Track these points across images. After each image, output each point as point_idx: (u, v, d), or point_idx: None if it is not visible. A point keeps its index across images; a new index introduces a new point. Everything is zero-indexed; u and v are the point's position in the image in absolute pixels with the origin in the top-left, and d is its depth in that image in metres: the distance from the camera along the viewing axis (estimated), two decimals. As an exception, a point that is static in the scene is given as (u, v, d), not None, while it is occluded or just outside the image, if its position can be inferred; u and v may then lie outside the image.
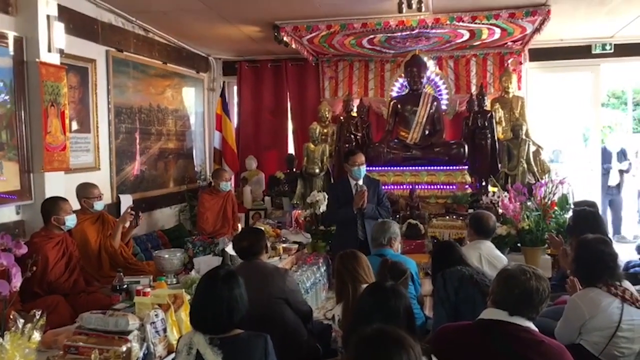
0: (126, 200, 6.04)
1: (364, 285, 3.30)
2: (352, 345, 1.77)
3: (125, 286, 3.71)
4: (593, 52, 7.79)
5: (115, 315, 2.76)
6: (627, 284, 3.14)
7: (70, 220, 4.28)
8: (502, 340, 2.22)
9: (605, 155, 8.37)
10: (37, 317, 2.21)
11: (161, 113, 7.20)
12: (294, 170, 7.97)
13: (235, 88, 8.86)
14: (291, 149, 8.66)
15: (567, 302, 3.19)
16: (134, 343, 2.67)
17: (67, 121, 4.89)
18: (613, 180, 8.31)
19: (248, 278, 3.33)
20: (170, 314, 2.98)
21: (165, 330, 2.87)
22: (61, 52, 4.81)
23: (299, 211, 6.95)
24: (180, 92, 7.77)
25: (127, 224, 4.96)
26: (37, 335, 2.16)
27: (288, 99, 8.65)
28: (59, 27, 4.72)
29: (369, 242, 4.86)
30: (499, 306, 2.32)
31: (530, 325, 2.29)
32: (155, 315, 2.83)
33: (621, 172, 8.34)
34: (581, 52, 7.82)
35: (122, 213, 5.17)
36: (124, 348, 2.64)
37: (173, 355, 2.76)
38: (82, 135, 5.63)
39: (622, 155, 8.45)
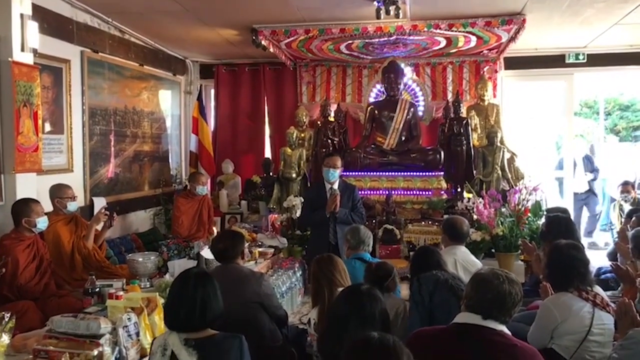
0: (99, 203, 5.95)
1: (340, 289, 3.30)
2: (346, 352, 1.78)
3: (97, 289, 3.65)
4: (567, 61, 7.95)
5: (86, 319, 2.71)
6: (598, 289, 3.20)
7: (42, 222, 4.21)
8: (476, 344, 2.23)
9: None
10: (6, 319, 2.15)
11: (137, 115, 7.12)
12: (271, 174, 7.95)
13: (213, 91, 8.82)
14: (268, 153, 8.64)
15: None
16: (106, 347, 2.63)
17: (39, 122, 4.79)
18: (580, 187, 8.43)
19: (223, 281, 3.30)
20: (144, 317, 2.94)
21: (138, 334, 2.83)
22: (35, 51, 4.73)
23: (276, 215, 6.93)
24: (156, 94, 7.70)
25: (101, 225, 4.88)
26: (5, 339, 2.12)
27: (265, 103, 8.63)
28: (32, 26, 4.64)
29: (339, 247, 4.89)
30: (472, 310, 2.33)
31: (504, 328, 2.30)
32: (128, 318, 2.78)
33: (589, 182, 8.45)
34: (555, 61, 7.97)
35: (95, 214, 5.09)
36: (95, 352, 2.60)
37: (146, 359, 2.73)
38: (55, 137, 5.54)
39: (588, 162, 8.50)
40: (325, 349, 2.29)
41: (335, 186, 5.24)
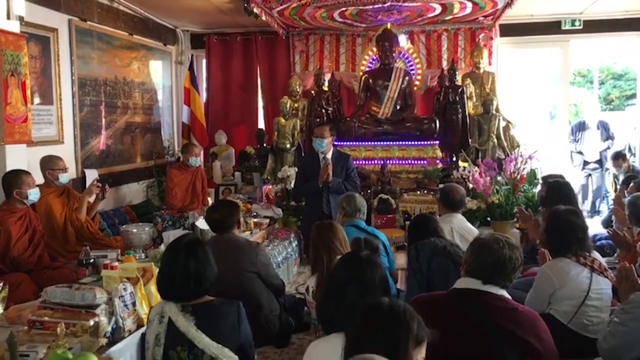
0: (92, 175, 5.89)
1: (339, 257, 3.27)
2: (356, 319, 1.76)
3: (92, 260, 3.61)
4: (563, 28, 7.86)
5: (81, 289, 2.67)
6: (596, 254, 3.18)
7: (33, 194, 4.14)
8: (477, 309, 2.22)
9: (581, 128, 8.00)
10: (-1, 289, 2.10)
11: (127, 86, 7.00)
12: (265, 145, 7.88)
13: (204, 62, 8.67)
14: (261, 124, 8.54)
15: (536, 273, 3.22)
16: (102, 317, 2.59)
17: (28, 92, 4.67)
18: (591, 155, 7.95)
19: (219, 251, 3.28)
20: (139, 287, 2.90)
21: (134, 304, 2.79)
22: (21, 19, 4.59)
23: (270, 186, 6.89)
24: (147, 64, 7.57)
25: (93, 197, 4.82)
26: (-1, 308, 2.06)
27: (258, 73, 8.51)
28: (18, -7, 4.51)
29: (333, 216, 4.85)
30: (472, 275, 2.32)
31: (504, 293, 2.29)
32: (124, 288, 2.74)
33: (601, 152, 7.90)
34: (551, 28, 7.88)
35: (87, 187, 5.03)
36: (91, 322, 2.56)
37: (143, 329, 2.70)
38: (45, 107, 5.44)
39: (603, 128, 7.94)
40: (324, 316, 2.26)
41: (329, 156, 5.19)
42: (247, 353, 2.62)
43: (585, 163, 8.04)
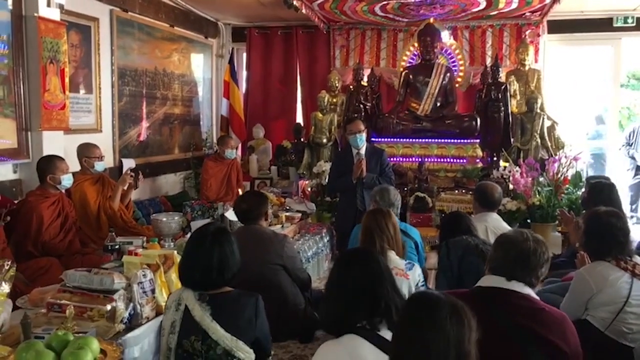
0: (128, 164, 5.92)
1: (391, 253, 3.14)
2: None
3: (117, 246, 3.61)
4: (614, 25, 7.50)
5: (100, 274, 2.65)
6: (638, 259, 3.00)
7: (67, 180, 4.19)
8: (501, 308, 2.10)
9: (637, 132, 7.60)
10: (7, 267, 2.09)
11: (167, 77, 7.05)
12: (302, 140, 7.82)
13: (245, 55, 8.67)
14: (300, 119, 8.49)
15: (574, 277, 3.06)
16: (119, 303, 2.57)
17: (66, 80, 4.75)
18: None
19: (245, 242, 3.24)
20: (160, 274, 2.87)
21: (153, 291, 2.76)
22: (61, 7, 4.67)
23: (306, 181, 6.82)
24: (187, 57, 7.61)
25: (127, 186, 4.85)
26: (5, 287, 2.05)
27: (298, 67, 8.45)
28: (59, -19, 4.58)
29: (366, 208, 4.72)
30: (496, 272, 2.21)
31: (530, 292, 2.17)
32: (143, 275, 2.71)
33: None
34: (602, 24, 7.54)
35: (122, 176, 5.07)
36: (108, 307, 2.54)
37: (161, 317, 2.67)
38: (84, 96, 5.50)
39: None
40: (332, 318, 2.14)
41: (362, 151, 5.08)
42: (263, 347, 2.56)
43: (638, 168, 7.64)
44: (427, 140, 6.94)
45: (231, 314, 2.45)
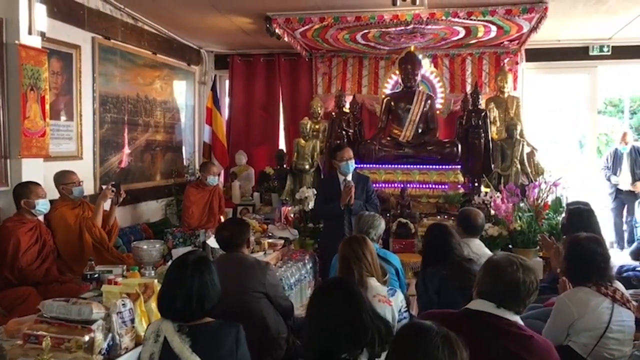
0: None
1: (371, 280, 3.11)
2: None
3: (96, 275, 3.55)
4: (590, 53, 7.71)
5: (78, 304, 2.60)
6: (618, 284, 3.03)
7: (42, 205, 4.15)
8: (491, 333, 2.10)
9: (616, 158, 7.52)
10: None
11: (149, 104, 7.05)
12: (284, 166, 7.83)
13: (227, 82, 8.72)
14: (282, 145, 8.52)
15: (556, 302, 3.07)
16: (98, 333, 2.51)
17: (47, 107, 4.71)
18: (624, 183, 7.43)
19: (226, 270, 3.21)
20: (140, 304, 2.82)
21: (133, 320, 2.71)
22: (42, 35, 4.66)
23: (288, 208, 6.80)
24: (170, 84, 7.62)
25: (108, 202, 4.79)
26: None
27: (280, 94, 8.51)
28: (40, 9, 4.57)
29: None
30: (485, 297, 2.21)
31: (518, 319, 2.18)
32: (123, 304, 2.66)
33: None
34: (578, 53, 7.74)
35: (102, 191, 4.98)
36: (86, 338, 2.48)
37: (140, 347, 2.62)
38: (65, 123, 5.47)
39: (638, 155, 7.45)
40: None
41: (349, 177, 5.09)
42: (244, 378, 2.51)
43: (618, 191, 7.60)
44: (409, 166, 6.97)
45: (211, 345, 2.41)
